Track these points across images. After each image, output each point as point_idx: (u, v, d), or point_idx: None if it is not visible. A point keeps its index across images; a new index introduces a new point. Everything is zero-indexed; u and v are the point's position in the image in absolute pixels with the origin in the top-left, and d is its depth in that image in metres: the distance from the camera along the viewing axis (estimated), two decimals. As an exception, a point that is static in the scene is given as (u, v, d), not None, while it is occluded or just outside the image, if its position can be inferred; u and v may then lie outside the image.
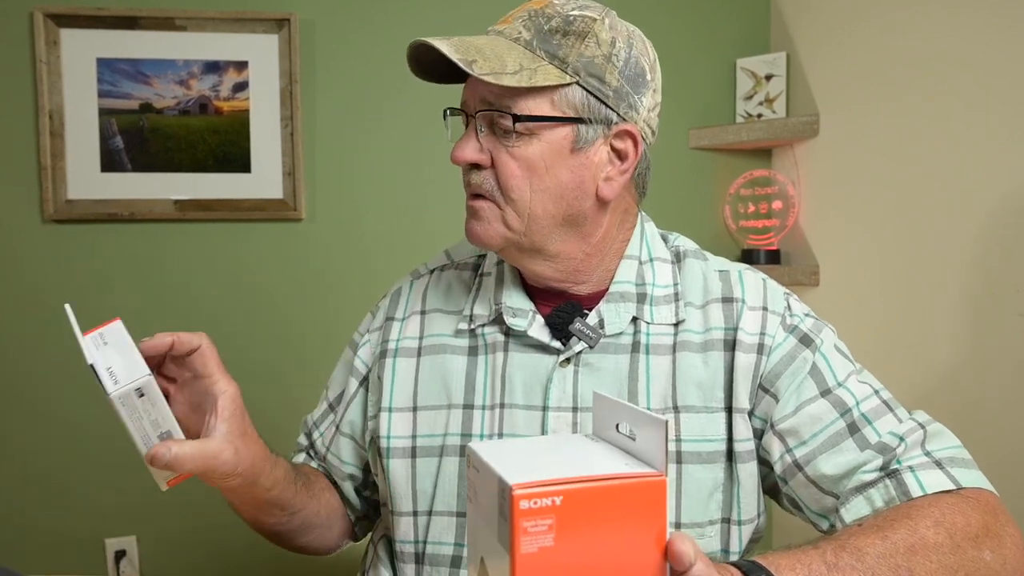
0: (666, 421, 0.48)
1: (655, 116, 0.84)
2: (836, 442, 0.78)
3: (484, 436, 0.84)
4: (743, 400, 0.82)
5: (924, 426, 0.79)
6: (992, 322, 1.44)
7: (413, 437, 0.87)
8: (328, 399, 0.99)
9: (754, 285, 0.87)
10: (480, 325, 0.87)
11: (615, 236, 0.86)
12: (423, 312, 0.93)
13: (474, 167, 0.81)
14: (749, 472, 0.82)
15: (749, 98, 1.93)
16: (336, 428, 0.96)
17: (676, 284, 0.87)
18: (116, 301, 1.67)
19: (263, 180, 1.73)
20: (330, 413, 0.98)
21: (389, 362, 0.90)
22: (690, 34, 1.92)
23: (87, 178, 1.66)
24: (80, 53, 1.65)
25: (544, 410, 0.83)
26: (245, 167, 1.72)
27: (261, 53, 1.71)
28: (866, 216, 1.70)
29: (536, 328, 0.85)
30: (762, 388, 0.82)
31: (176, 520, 1.70)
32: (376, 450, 0.89)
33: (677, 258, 0.89)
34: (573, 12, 0.79)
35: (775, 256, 1.89)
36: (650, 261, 0.87)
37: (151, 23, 1.66)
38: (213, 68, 1.70)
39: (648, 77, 0.81)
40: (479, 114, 0.79)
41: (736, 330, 0.83)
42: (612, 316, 0.84)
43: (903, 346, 1.60)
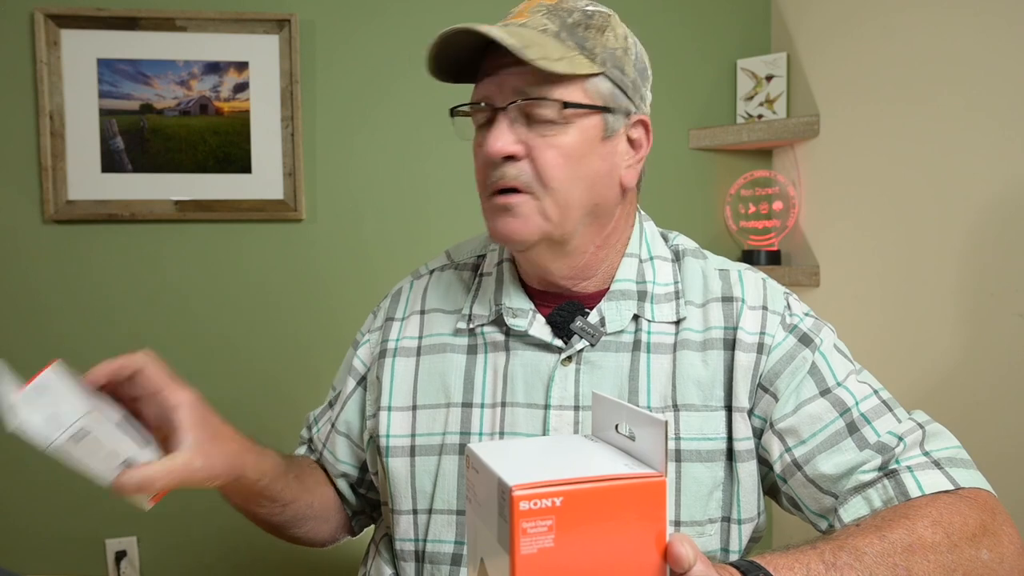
0: (665, 422, 0.48)
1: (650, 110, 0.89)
2: (835, 442, 0.78)
3: (485, 435, 0.84)
4: (743, 399, 0.82)
5: (923, 426, 0.79)
6: (991, 322, 1.44)
7: (412, 436, 0.87)
8: (330, 396, 1.01)
9: (754, 284, 0.87)
10: (479, 325, 0.88)
11: (622, 230, 0.87)
12: (423, 312, 0.93)
13: (508, 160, 0.79)
14: (749, 471, 0.82)
15: (750, 99, 1.93)
16: (332, 426, 0.98)
17: (677, 282, 0.87)
18: (116, 301, 1.67)
19: (263, 181, 1.73)
20: (328, 410, 1.00)
21: (388, 361, 0.91)
22: (690, 34, 1.92)
23: (87, 179, 1.66)
24: (80, 53, 1.65)
25: (546, 408, 0.83)
26: (245, 168, 1.72)
27: (261, 53, 1.71)
28: (866, 217, 1.70)
29: (537, 327, 0.85)
30: (761, 387, 0.82)
31: (177, 521, 1.70)
32: (376, 449, 0.90)
33: (677, 256, 0.90)
34: (588, 8, 0.82)
35: (775, 257, 1.89)
36: (650, 259, 0.88)
37: (151, 24, 1.66)
38: (213, 69, 1.70)
39: (649, 72, 0.87)
40: (511, 105, 0.79)
41: (736, 329, 0.83)
42: (613, 314, 0.84)
43: (903, 346, 1.60)
